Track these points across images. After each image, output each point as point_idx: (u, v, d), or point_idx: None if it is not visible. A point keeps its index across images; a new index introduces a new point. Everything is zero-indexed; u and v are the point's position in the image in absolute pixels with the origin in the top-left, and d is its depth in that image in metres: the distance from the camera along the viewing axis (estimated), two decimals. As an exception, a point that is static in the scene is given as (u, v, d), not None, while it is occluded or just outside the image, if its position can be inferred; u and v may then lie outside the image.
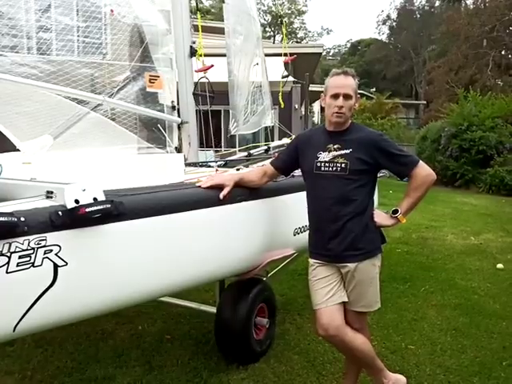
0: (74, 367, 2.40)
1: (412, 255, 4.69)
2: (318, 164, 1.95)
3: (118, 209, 1.47)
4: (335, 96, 1.90)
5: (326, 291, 1.93)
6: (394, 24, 34.50)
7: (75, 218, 1.35)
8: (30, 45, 2.72)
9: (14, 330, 1.26)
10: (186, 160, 2.92)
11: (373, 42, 35.89)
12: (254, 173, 2.19)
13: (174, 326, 2.92)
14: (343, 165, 1.89)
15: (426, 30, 30.03)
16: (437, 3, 31.79)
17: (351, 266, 1.90)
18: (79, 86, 2.62)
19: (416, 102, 27.25)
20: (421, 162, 1.96)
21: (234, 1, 3.54)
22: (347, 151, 1.91)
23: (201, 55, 3.10)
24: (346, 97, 1.90)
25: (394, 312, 3.17)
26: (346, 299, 1.95)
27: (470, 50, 21.14)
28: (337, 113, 1.90)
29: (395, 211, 1.94)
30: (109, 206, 1.43)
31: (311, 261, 2.02)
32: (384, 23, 35.43)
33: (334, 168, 1.91)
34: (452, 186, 10.84)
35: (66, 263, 1.35)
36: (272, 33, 35.24)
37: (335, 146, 1.93)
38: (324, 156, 1.94)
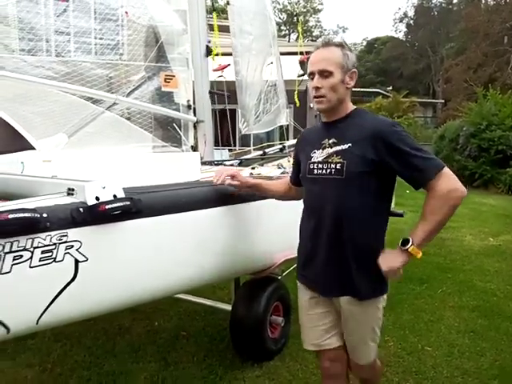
0: (92, 361, 2.45)
1: (429, 256, 4.62)
2: (311, 166, 1.53)
3: (136, 206, 1.49)
4: (312, 75, 1.47)
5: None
6: (411, 21, 34.01)
7: (95, 215, 1.38)
8: (47, 47, 2.79)
9: (37, 323, 1.30)
10: (201, 159, 2.95)
11: (389, 40, 35.44)
12: (274, 182, 1.91)
13: (189, 323, 2.94)
14: (338, 165, 1.44)
15: (443, 28, 29.51)
16: (455, 0, 31.21)
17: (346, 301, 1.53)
18: (94, 87, 2.67)
19: (433, 100, 26.80)
20: (446, 169, 1.39)
21: (242, 2, 3.55)
22: (344, 147, 1.44)
23: (217, 54, 3.13)
24: (323, 74, 1.44)
25: (410, 313, 3.13)
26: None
27: (490, 47, 20.68)
28: (315, 97, 1.46)
29: (405, 242, 1.40)
30: (128, 203, 1.45)
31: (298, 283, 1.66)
32: (401, 21, 34.97)
33: (328, 170, 1.46)
34: (470, 186, 10.63)
35: (87, 259, 1.37)
36: (287, 31, 35.15)
37: (330, 141, 1.49)
38: (318, 155, 1.51)
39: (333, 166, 1.45)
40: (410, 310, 3.19)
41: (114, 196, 1.44)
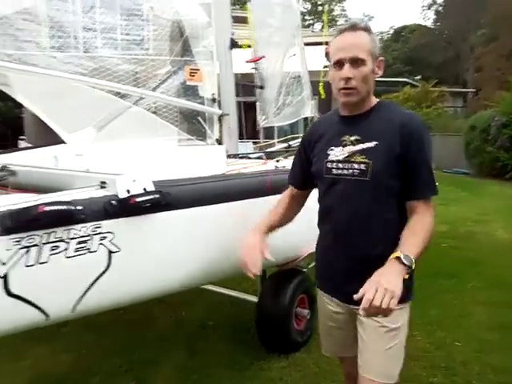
0: (122, 349, 2.53)
1: (459, 250, 4.52)
2: (329, 165, 1.37)
3: (165, 199, 1.53)
4: (339, 64, 1.29)
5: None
6: (440, 8, 32.86)
7: (127, 207, 1.42)
8: (75, 44, 2.87)
9: (73, 311, 1.35)
10: (226, 152, 2.97)
11: (417, 28, 34.37)
12: (280, 207, 1.59)
13: (215, 314, 2.99)
14: (362, 166, 1.29)
15: (474, 14, 28.36)
16: (487, -15, 29.90)
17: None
18: (121, 82, 2.73)
19: (464, 89, 25.90)
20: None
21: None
22: (370, 145, 1.29)
23: (249, 46, 3.14)
24: (356, 62, 1.27)
25: (438, 308, 3.08)
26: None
27: (524, 33, 19.77)
28: (344, 89, 1.29)
29: (409, 260, 1.18)
30: (157, 196, 1.49)
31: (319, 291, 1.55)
32: (429, 8, 33.86)
33: (351, 171, 1.32)
34: (502, 178, 10.27)
35: (119, 249, 1.42)
36: (311, 21, 34.62)
37: (352, 138, 1.33)
38: (337, 153, 1.35)
39: (356, 166, 1.31)
40: (439, 304, 3.14)
41: (144, 189, 1.48)
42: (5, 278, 1.20)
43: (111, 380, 2.24)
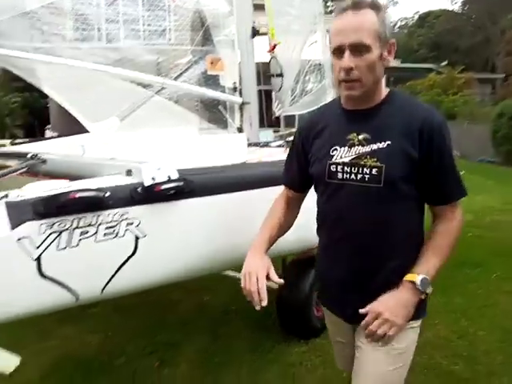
0: (147, 331, 2.62)
1: (484, 239, 4.42)
2: (333, 168, 1.16)
3: (189, 186, 1.57)
4: (338, 51, 1.08)
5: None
6: (469, -9, 31.56)
7: (152, 195, 1.47)
8: (98, 36, 2.94)
9: (101, 293, 1.42)
10: (247, 140, 2.99)
11: (442, 14, 33.19)
12: (276, 216, 1.36)
13: (237, 300, 3.04)
14: (374, 170, 1.10)
15: (505, -4, 27.14)
16: (519, -37, 28.47)
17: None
18: (144, 72, 2.79)
19: (492, 75, 24.95)
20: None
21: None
22: (381, 145, 1.10)
23: (265, 34, 3.13)
24: (358, 49, 1.05)
25: (463, 297, 3.03)
26: None
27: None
28: (345, 81, 1.08)
29: (426, 283, 1.10)
30: (181, 183, 1.53)
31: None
32: (457, -8, 32.56)
33: (360, 176, 1.12)
34: (531, 167, 9.93)
35: (145, 235, 1.47)
36: (334, 7, 33.87)
37: (361, 137, 1.12)
38: (342, 153, 1.15)
39: (366, 170, 1.11)
40: (463, 293, 3.10)
41: (169, 177, 1.52)
42: (38, 260, 1.27)
43: (136, 361, 2.33)
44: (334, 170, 1.17)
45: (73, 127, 3.20)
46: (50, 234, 1.26)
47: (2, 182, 1.53)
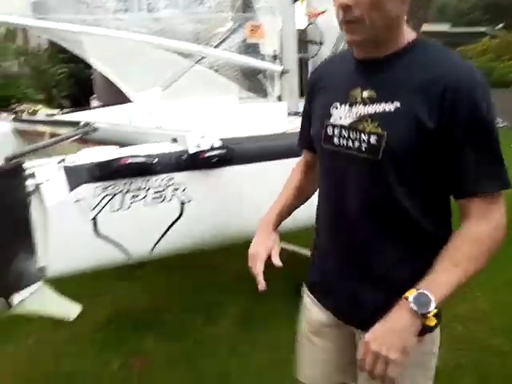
0: (192, 291, 2.77)
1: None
2: (329, 130, 0.93)
3: (231, 154, 1.62)
4: None
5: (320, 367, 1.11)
6: None
7: (196, 162, 1.54)
8: (139, 6, 2.98)
9: (151, 252, 1.53)
10: (287, 109, 2.98)
11: (500, -31, 30.33)
12: (290, 186, 1.19)
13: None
14: (373, 138, 0.85)
15: None
16: None
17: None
18: (184, 41, 2.81)
19: (554, 37, 22.83)
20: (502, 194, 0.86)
21: None
22: (387, 107, 0.84)
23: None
24: None
25: (508, 272, 2.93)
26: None
27: None
28: (344, 23, 0.85)
29: (421, 299, 0.79)
30: (224, 151, 1.59)
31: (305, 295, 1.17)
32: None
33: (357, 143, 0.88)
34: None
35: (190, 200, 1.55)
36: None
37: (365, 94, 0.88)
38: (342, 113, 0.91)
39: (364, 137, 0.86)
40: (509, 268, 3.00)
41: (212, 145, 1.58)
42: (94, 220, 1.38)
43: (182, 317, 2.49)
44: (331, 133, 0.93)
45: (117, 97, 3.32)
46: (105, 197, 1.36)
47: (56, 149, 1.65)
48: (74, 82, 8.51)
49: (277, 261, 1.08)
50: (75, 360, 2.13)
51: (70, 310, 1.27)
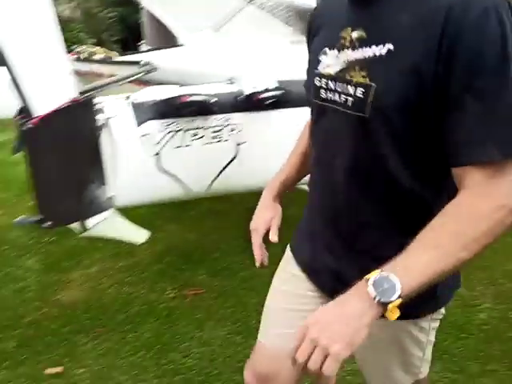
0: (238, 233, 2.84)
1: None
2: (317, 81, 0.79)
3: (286, 97, 1.62)
4: None
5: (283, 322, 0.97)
6: None
7: (252, 103, 1.56)
8: None
9: (207, 189, 1.61)
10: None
11: None
12: (298, 151, 1.08)
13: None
14: (359, 91, 0.69)
15: None
16: None
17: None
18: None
19: None
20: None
21: None
22: (380, 50, 0.66)
23: None
24: None
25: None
26: None
27: None
28: None
29: (387, 287, 0.58)
30: (280, 93, 1.58)
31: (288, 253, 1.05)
32: None
33: (343, 98, 0.72)
34: None
35: (244, 141, 1.59)
36: None
37: (354, 35, 0.70)
38: (330, 60, 0.75)
39: (351, 89, 0.70)
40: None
41: (268, 87, 1.58)
42: (158, 155, 1.46)
43: (228, 256, 2.62)
44: (319, 83, 0.78)
45: (167, 41, 3.32)
46: (168, 133, 1.43)
47: (114, 89, 1.71)
48: (124, 27, 8.55)
49: (273, 236, 1.00)
50: (133, 288, 2.34)
51: (139, 234, 1.38)
